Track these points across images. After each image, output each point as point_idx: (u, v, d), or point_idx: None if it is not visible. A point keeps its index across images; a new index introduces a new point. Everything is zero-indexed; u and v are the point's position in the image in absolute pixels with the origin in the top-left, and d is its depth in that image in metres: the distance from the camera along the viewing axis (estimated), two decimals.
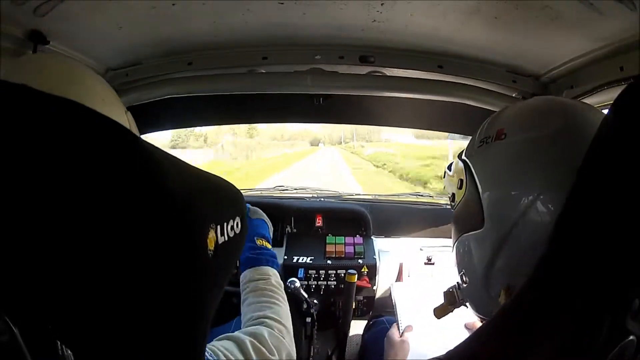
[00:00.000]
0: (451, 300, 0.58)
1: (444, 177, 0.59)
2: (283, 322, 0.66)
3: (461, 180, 0.51)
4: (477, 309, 0.53)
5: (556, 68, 0.82)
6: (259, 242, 0.79)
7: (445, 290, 0.59)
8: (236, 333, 0.58)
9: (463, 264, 0.52)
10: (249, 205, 0.91)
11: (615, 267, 0.31)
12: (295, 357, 0.64)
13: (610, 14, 0.58)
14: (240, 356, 0.53)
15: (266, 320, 0.65)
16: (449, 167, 0.57)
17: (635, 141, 0.30)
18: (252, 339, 0.57)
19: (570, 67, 0.79)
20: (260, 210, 0.91)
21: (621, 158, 0.31)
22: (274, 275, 0.75)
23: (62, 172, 0.22)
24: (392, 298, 1.09)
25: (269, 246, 0.81)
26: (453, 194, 0.55)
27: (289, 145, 32.77)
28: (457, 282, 0.56)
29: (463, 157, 0.52)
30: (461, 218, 0.52)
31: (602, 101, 0.77)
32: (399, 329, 0.99)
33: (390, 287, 1.12)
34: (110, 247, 0.23)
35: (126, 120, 0.57)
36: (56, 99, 0.23)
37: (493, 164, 0.47)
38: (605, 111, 0.36)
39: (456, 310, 0.59)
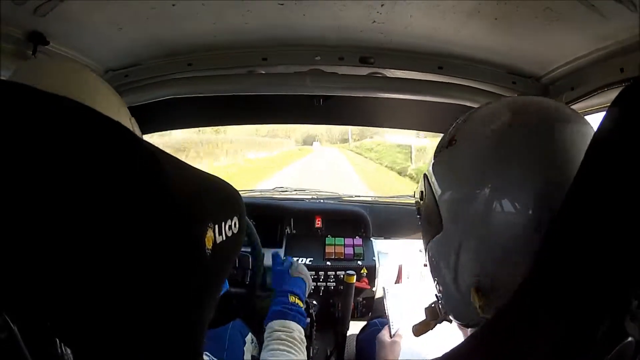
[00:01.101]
0: (433, 315, 0.58)
1: (414, 195, 0.61)
2: None
3: (422, 192, 0.53)
4: (458, 318, 0.53)
5: (556, 69, 0.82)
6: (291, 298, 0.85)
7: (426, 306, 0.60)
8: None
9: (435, 272, 0.53)
10: (291, 260, 0.98)
11: (613, 268, 0.31)
12: None
13: (610, 14, 0.58)
14: None
15: None
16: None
17: (634, 141, 0.30)
18: None
19: (571, 69, 0.79)
20: (305, 270, 0.96)
21: (620, 158, 0.31)
22: (297, 330, 0.80)
23: (62, 171, 0.22)
24: (385, 300, 1.09)
25: (301, 304, 0.87)
26: (418, 209, 0.57)
27: (271, 146, 23.84)
28: (436, 295, 0.56)
29: (425, 171, 0.54)
30: (425, 227, 0.54)
31: (602, 102, 0.77)
32: (390, 331, 0.99)
33: (383, 289, 1.12)
34: (110, 245, 0.23)
35: (129, 124, 0.58)
36: (59, 98, 0.24)
37: (445, 169, 0.49)
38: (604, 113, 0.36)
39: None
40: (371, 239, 1.40)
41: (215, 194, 0.33)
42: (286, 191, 1.65)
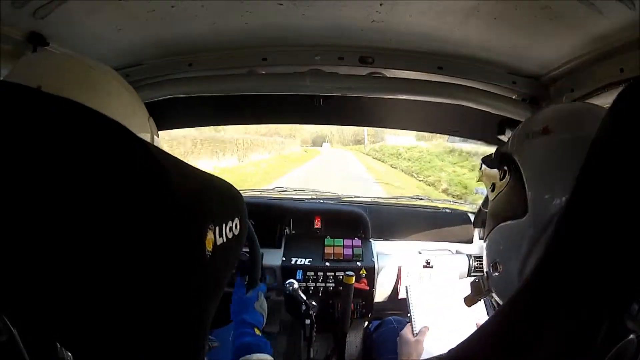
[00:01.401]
0: (477, 290, 0.60)
1: (480, 169, 0.61)
2: None
3: (504, 172, 0.53)
4: (505, 299, 0.54)
5: (556, 69, 0.82)
6: (257, 331, 0.85)
7: (472, 281, 0.62)
8: None
9: (498, 253, 0.53)
10: (257, 293, 0.94)
11: (615, 268, 0.31)
12: None
13: (610, 13, 0.58)
14: None
15: None
16: (485, 160, 0.60)
17: (634, 142, 0.30)
18: None
19: (571, 68, 0.78)
20: (265, 307, 0.94)
21: (620, 160, 0.31)
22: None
23: (63, 173, 0.22)
24: (408, 299, 1.09)
25: (260, 333, 0.86)
26: (493, 184, 0.56)
27: (269, 146, 20.02)
28: (486, 272, 0.57)
29: (507, 150, 0.54)
30: (501, 207, 0.53)
31: (602, 103, 0.77)
32: (412, 329, 1.00)
33: (406, 288, 1.12)
34: (110, 246, 0.23)
35: (147, 126, 0.58)
36: (58, 99, 0.24)
37: (539, 157, 0.49)
38: None
39: (469, 310, 0.62)
40: (370, 240, 1.40)
41: (217, 194, 0.33)
42: (286, 191, 1.66)
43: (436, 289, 1.12)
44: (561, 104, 0.54)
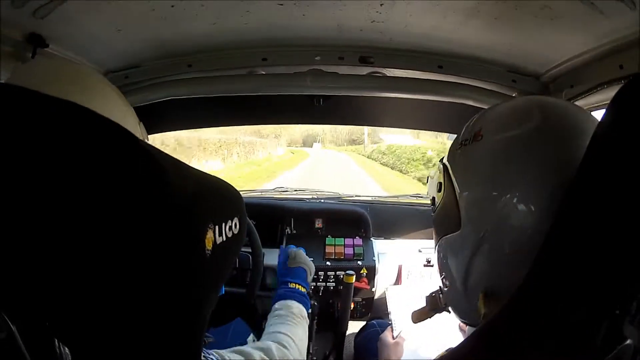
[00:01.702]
0: (433, 305, 0.57)
1: (427, 181, 0.59)
2: (292, 338, 0.71)
3: (440, 184, 0.51)
4: (459, 314, 0.53)
5: (556, 67, 0.82)
6: (291, 285, 0.89)
7: (427, 294, 0.59)
8: (246, 347, 0.61)
9: (443, 267, 0.52)
10: (290, 249, 1.01)
11: (613, 271, 0.30)
12: None
13: (610, 12, 0.58)
14: None
15: (277, 334, 0.70)
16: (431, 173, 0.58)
17: (633, 139, 0.30)
18: (259, 353, 0.61)
19: (570, 66, 0.79)
20: (303, 257, 0.99)
21: (620, 157, 0.31)
22: (297, 307, 0.83)
23: (62, 173, 0.22)
24: (387, 302, 1.10)
25: (303, 290, 0.90)
26: (433, 198, 0.55)
27: (251, 147, 16.25)
28: (439, 286, 0.55)
29: (444, 160, 0.52)
30: (440, 221, 0.52)
31: (602, 100, 0.77)
32: (392, 332, 1.00)
33: (385, 291, 1.12)
34: (109, 246, 0.23)
35: (138, 130, 0.58)
36: (57, 101, 0.24)
37: (470, 165, 0.47)
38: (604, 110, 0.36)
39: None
40: (371, 239, 1.40)
41: (216, 194, 0.33)
42: (286, 191, 1.66)
43: (417, 291, 1.12)
44: (497, 105, 0.51)
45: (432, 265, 1.31)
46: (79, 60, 0.84)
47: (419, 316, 0.60)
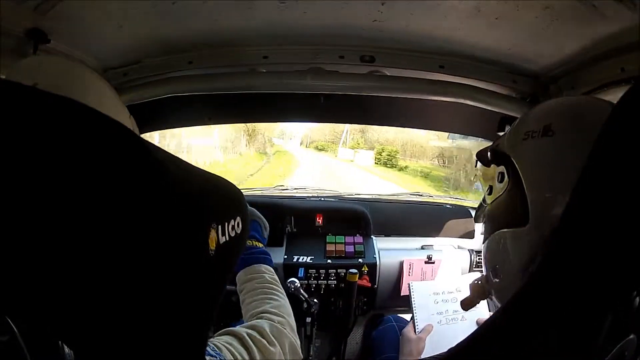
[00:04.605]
0: (479, 293, 0.57)
1: (476, 165, 0.57)
2: (282, 314, 0.66)
3: (501, 174, 0.49)
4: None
5: (557, 68, 0.82)
6: (248, 242, 0.79)
7: (471, 282, 0.59)
8: (235, 328, 0.58)
9: (497, 259, 0.50)
10: None
11: (618, 265, 0.31)
12: (299, 347, 0.64)
13: (610, 14, 0.58)
14: (242, 350, 0.53)
15: (265, 314, 0.65)
16: (481, 156, 0.55)
17: (639, 140, 0.30)
18: (251, 332, 0.57)
19: (571, 68, 0.79)
20: (255, 211, 0.92)
21: (624, 157, 0.31)
22: (267, 271, 0.75)
23: (64, 172, 0.22)
24: (411, 297, 1.10)
25: (260, 245, 0.81)
26: (490, 187, 0.52)
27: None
28: (486, 275, 0.55)
29: (504, 149, 0.50)
30: (500, 213, 0.50)
31: None
32: (415, 327, 1.01)
33: (409, 286, 1.13)
34: (112, 246, 0.23)
35: (129, 122, 0.58)
36: (59, 98, 0.23)
37: (541, 162, 0.45)
38: None
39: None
40: (372, 236, 1.40)
41: (219, 194, 0.33)
42: (286, 189, 1.66)
43: (438, 286, 1.13)
44: (561, 99, 0.49)
45: (433, 262, 1.31)
46: (80, 56, 0.84)
47: (468, 304, 0.60)
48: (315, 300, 1.19)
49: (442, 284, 1.14)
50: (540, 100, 0.91)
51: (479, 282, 0.57)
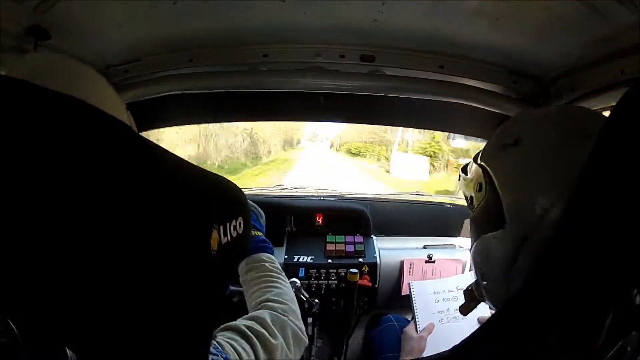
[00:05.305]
0: (472, 298, 0.60)
1: (459, 179, 0.61)
2: (285, 302, 0.66)
3: (480, 184, 0.54)
4: (497, 306, 0.55)
5: (557, 69, 0.82)
6: None
7: (464, 289, 0.62)
8: (235, 322, 0.57)
9: (483, 263, 0.54)
10: None
11: (619, 262, 0.31)
12: (304, 332, 0.64)
13: (611, 15, 0.58)
14: (245, 344, 0.53)
15: (267, 303, 0.65)
16: (464, 170, 0.60)
17: (637, 142, 0.30)
18: (252, 323, 0.57)
19: (571, 69, 0.79)
20: (252, 203, 0.89)
21: (623, 158, 0.31)
22: (267, 260, 0.74)
23: (64, 171, 0.22)
24: (412, 297, 1.10)
25: (260, 233, 0.80)
26: (471, 197, 0.57)
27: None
28: (476, 280, 0.58)
29: (481, 161, 0.54)
30: (481, 220, 0.54)
31: (602, 103, 0.77)
32: (416, 326, 1.01)
33: (409, 285, 1.13)
34: (113, 247, 0.23)
35: (126, 119, 0.58)
36: (59, 95, 0.23)
37: (511, 169, 0.49)
38: (607, 113, 0.36)
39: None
40: (372, 236, 1.40)
41: (220, 194, 0.32)
42: (286, 189, 1.66)
43: (439, 285, 1.13)
44: (534, 110, 0.53)
45: (433, 262, 1.31)
46: (81, 54, 0.84)
47: (466, 309, 0.64)
48: (316, 300, 1.19)
49: (442, 283, 1.14)
50: (540, 102, 0.91)
51: (471, 288, 0.60)
